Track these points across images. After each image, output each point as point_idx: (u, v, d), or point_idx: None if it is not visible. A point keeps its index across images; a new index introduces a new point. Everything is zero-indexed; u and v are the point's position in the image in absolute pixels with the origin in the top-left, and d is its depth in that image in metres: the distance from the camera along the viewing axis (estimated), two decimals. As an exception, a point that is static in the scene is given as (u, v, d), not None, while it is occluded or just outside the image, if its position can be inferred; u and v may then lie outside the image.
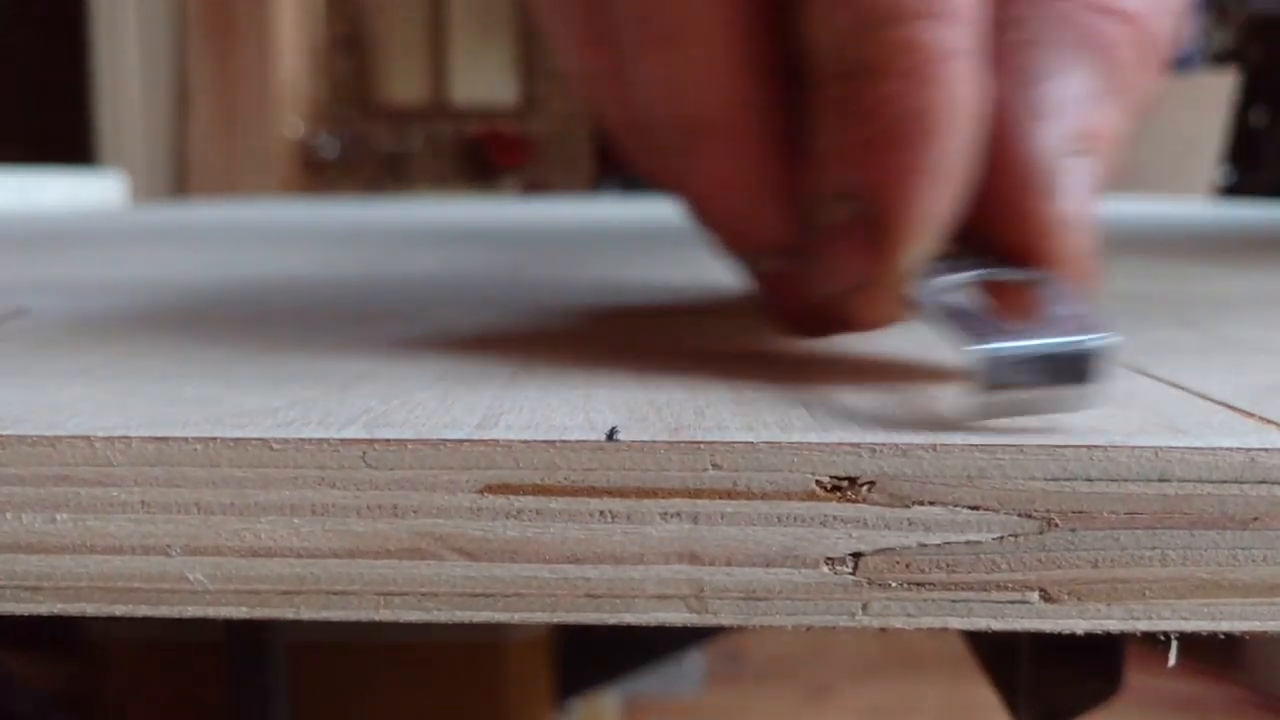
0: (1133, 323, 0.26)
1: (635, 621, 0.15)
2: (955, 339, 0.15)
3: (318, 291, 0.33)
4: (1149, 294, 0.33)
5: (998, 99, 0.18)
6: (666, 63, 0.19)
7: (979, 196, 0.18)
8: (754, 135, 0.19)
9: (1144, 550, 0.14)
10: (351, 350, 0.21)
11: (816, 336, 0.21)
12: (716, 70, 0.18)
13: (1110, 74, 0.18)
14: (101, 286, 0.34)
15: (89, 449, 0.14)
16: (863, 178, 0.17)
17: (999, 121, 0.18)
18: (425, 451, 0.14)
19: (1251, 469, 0.14)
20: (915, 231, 0.17)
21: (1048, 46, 0.18)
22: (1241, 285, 0.36)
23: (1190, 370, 0.19)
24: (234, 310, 0.28)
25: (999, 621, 0.15)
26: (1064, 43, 0.18)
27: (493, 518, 0.14)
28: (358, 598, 0.15)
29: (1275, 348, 0.22)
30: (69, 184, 1.17)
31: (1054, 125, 0.18)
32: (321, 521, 0.15)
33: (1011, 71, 0.18)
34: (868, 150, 0.17)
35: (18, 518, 0.15)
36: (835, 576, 0.15)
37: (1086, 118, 0.18)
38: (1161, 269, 0.42)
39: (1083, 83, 0.18)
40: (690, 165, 0.19)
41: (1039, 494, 0.14)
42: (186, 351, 0.21)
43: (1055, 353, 0.14)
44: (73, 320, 0.26)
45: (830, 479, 0.14)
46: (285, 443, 0.14)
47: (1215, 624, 0.15)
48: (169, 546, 0.15)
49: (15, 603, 0.15)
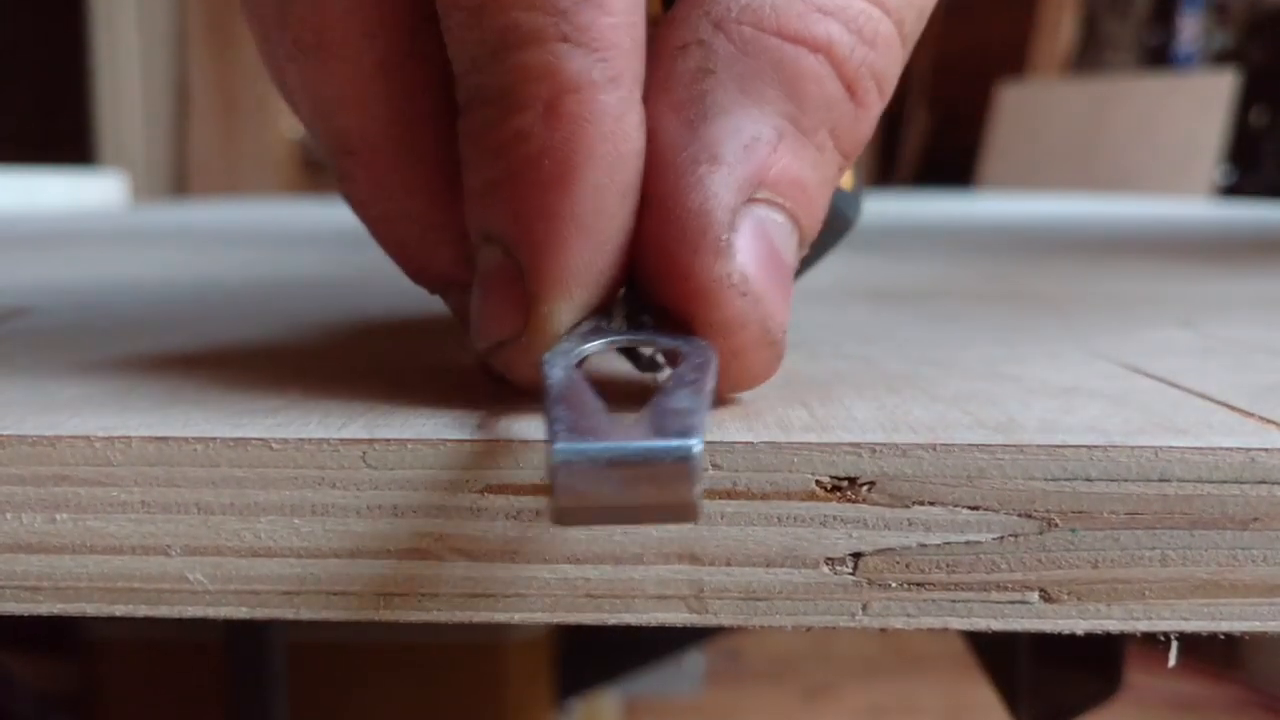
0: (1133, 323, 0.26)
1: (635, 621, 0.15)
2: (547, 431, 0.13)
3: (316, 291, 0.33)
4: (1149, 294, 0.33)
5: (663, 138, 0.15)
6: (307, 76, 0.17)
7: (644, 249, 0.15)
8: (410, 161, 0.17)
9: (1144, 550, 0.14)
10: (351, 350, 0.21)
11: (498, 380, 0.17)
12: (360, 87, 0.16)
13: (802, 111, 0.16)
14: (101, 286, 0.34)
15: (89, 449, 0.14)
16: (501, 220, 0.15)
17: (663, 164, 0.15)
18: (425, 452, 0.14)
19: (1251, 469, 0.14)
20: (562, 285, 0.15)
21: (725, 78, 0.15)
22: (1241, 285, 0.36)
23: (1190, 370, 0.19)
24: (234, 310, 0.28)
25: (999, 622, 0.15)
26: (745, 74, 0.15)
27: (493, 518, 0.14)
28: (358, 598, 0.15)
29: (1275, 348, 0.22)
30: (69, 184, 1.17)
31: (725, 172, 0.15)
32: (321, 521, 0.15)
33: (680, 106, 0.15)
34: (502, 190, 0.15)
35: (18, 518, 0.15)
36: (835, 577, 0.15)
37: (768, 162, 0.15)
38: (1161, 269, 0.42)
39: (765, 121, 0.15)
40: (348, 188, 0.17)
41: (1039, 494, 0.14)
42: (186, 351, 0.21)
43: (631, 460, 0.12)
44: (73, 320, 0.26)
45: (830, 479, 0.14)
46: (285, 443, 0.14)
47: (1215, 624, 0.15)
48: (169, 547, 0.15)
49: (15, 603, 0.15)
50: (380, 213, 0.18)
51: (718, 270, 0.15)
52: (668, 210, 0.15)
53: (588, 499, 0.12)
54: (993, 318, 0.27)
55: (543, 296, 0.15)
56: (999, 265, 0.43)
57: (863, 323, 0.26)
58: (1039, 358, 0.21)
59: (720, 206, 0.15)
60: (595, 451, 0.12)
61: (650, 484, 0.12)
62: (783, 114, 0.15)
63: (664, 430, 0.12)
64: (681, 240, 0.15)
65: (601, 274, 0.15)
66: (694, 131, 0.15)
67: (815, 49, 0.15)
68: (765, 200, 0.15)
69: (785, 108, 0.15)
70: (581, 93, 0.14)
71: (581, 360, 0.15)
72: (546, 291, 0.15)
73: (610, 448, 0.12)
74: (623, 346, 0.16)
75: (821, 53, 0.16)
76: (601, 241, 0.15)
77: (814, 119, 0.16)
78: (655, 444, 0.12)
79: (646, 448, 0.12)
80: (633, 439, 0.12)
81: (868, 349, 0.22)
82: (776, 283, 0.16)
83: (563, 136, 0.14)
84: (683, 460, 0.12)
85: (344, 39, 0.16)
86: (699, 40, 0.15)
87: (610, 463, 0.12)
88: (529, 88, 0.14)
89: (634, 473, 0.12)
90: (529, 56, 0.14)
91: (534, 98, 0.14)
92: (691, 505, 0.12)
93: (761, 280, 0.15)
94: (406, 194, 0.17)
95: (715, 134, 0.15)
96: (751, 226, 0.15)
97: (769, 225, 0.15)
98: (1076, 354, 0.21)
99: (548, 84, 0.14)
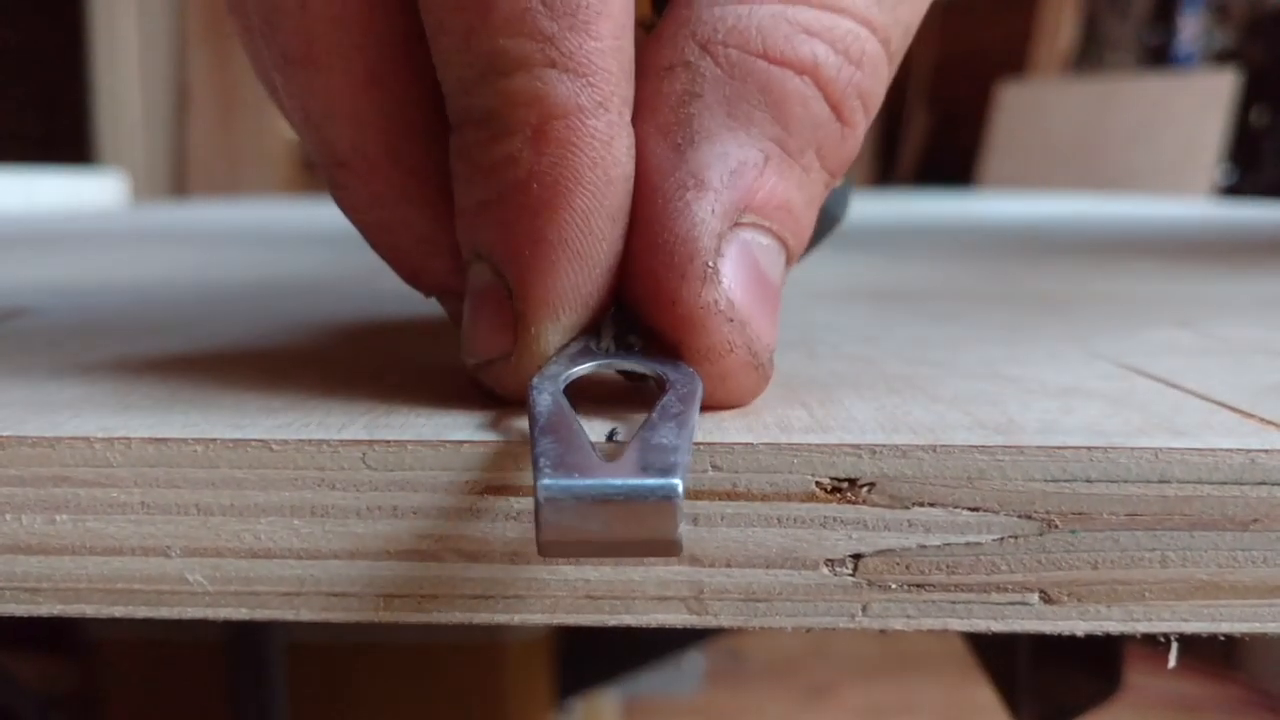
0: (1133, 323, 0.26)
1: (635, 623, 0.15)
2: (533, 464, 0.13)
3: (315, 291, 0.33)
4: (1149, 294, 0.33)
5: (650, 162, 0.15)
6: (296, 86, 0.16)
7: (632, 273, 0.16)
8: (402, 172, 0.17)
9: (1144, 551, 0.14)
10: (351, 351, 0.21)
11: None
12: (351, 100, 0.16)
13: (788, 133, 0.16)
14: (101, 286, 0.34)
15: (89, 450, 0.14)
16: (490, 241, 0.15)
17: (650, 189, 0.15)
18: (425, 452, 0.14)
19: (1251, 470, 0.14)
20: (549, 308, 0.15)
21: (711, 101, 0.15)
22: (1241, 286, 0.36)
23: (1190, 370, 0.19)
24: (234, 311, 0.28)
25: (999, 623, 0.15)
26: (731, 98, 0.15)
27: (493, 518, 0.14)
28: (358, 599, 0.15)
29: (1275, 348, 0.22)
30: (69, 184, 1.17)
31: (711, 197, 0.15)
32: (321, 523, 0.15)
33: (666, 130, 0.15)
34: (492, 211, 0.15)
35: (18, 519, 0.15)
36: (835, 578, 0.15)
37: (754, 187, 0.15)
38: (1162, 269, 0.42)
39: (751, 145, 0.15)
40: (341, 196, 0.17)
41: (1039, 495, 0.14)
42: (186, 352, 0.21)
43: (615, 497, 0.12)
44: (73, 320, 0.26)
45: (830, 480, 0.14)
46: (285, 443, 0.14)
47: (1215, 625, 0.15)
48: (169, 548, 0.15)
49: (15, 604, 0.15)
50: (373, 220, 0.18)
51: (704, 297, 0.15)
52: (654, 236, 0.15)
53: (573, 534, 0.12)
54: (993, 318, 0.27)
55: (531, 318, 0.15)
56: (999, 265, 0.43)
57: (863, 323, 0.26)
58: (1039, 358, 0.21)
59: (706, 233, 0.15)
60: (581, 489, 0.12)
61: (634, 521, 0.12)
62: (769, 136, 0.16)
63: (649, 467, 0.13)
64: (669, 266, 0.15)
65: (590, 296, 0.15)
66: (681, 156, 0.15)
67: (801, 71, 0.16)
68: (752, 224, 0.16)
69: (772, 130, 0.16)
70: (569, 118, 0.14)
71: (568, 384, 0.15)
72: (535, 314, 0.15)
73: (595, 485, 0.12)
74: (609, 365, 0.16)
75: (808, 74, 0.16)
76: (590, 265, 0.15)
77: (800, 140, 0.16)
78: (639, 482, 0.12)
79: (631, 486, 0.12)
80: (617, 475, 0.12)
81: (868, 349, 0.22)
82: (763, 306, 0.16)
83: (550, 161, 0.14)
84: (667, 499, 0.12)
85: (332, 50, 0.16)
86: (685, 62, 0.16)
87: (595, 500, 0.12)
88: (517, 112, 0.14)
89: (618, 510, 0.12)
90: (516, 82, 0.14)
91: (522, 123, 0.14)
92: (674, 542, 0.13)
93: (747, 305, 0.15)
94: (399, 204, 0.17)
95: (702, 159, 0.15)
96: (737, 251, 0.15)
97: (755, 248, 0.16)
98: (1076, 354, 0.21)
99: (535, 109, 0.14)
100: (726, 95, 0.15)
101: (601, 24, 0.14)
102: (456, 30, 0.15)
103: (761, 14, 0.16)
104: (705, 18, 0.16)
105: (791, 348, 0.22)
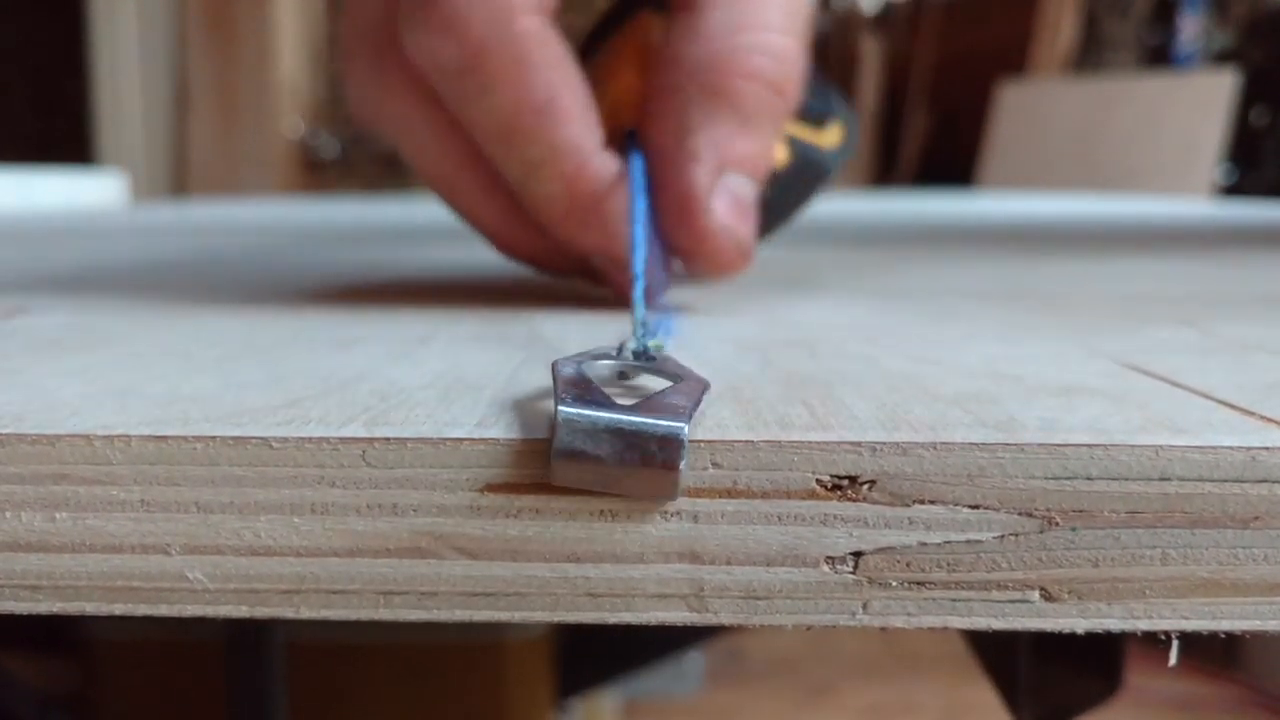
0: (1134, 321, 0.26)
1: (635, 621, 0.15)
2: (555, 397, 0.15)
3: (315, 291, 0.33)
4: (1149, 293, 0.33)
5: (664, 150, 0.25)
6: (392, 136, 0.27)
7: (663, 216, 0.25)
8: (485, 196, 0.27)
9: (1144, 549, 0.14)
10: (350, 349, 0.21)
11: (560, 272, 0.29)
12: (480, 202, 0.28)
13: (746, 115, 0.25)
14: (101, 286, 0.34)
15: (89, 448, 0.14)
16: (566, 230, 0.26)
17: (666, 165, 0.25)
18: (425, 451, 0.14)
19: (1252, 468, 0.14)
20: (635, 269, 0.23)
21: (697, 109, 0.25)
22: (1242, 284, 0.36)
23: (1190, 370, 0.19)
24: (233, 310, 0.28)
25: (1000, 621, 0.15)
26: (712, 107, 0.25)
27: (493, 517, 0.14)
28: (358, 597, 0.15)
29: (1276, 346, 0.22)
30: (69, 183, 1.17)
31: (703, 164, 0.25)
32: (321, 520, 0.14)
33: (673, 130, 0.25)
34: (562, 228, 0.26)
35: (17, 517, 0.15)
36: (836, 575, 0.15)
37: (728, 150, 0.25)
38: (1161, 269, 0.42)
39: (723, 127, 0.25)
40: (436, 196, 0.28)
41: (1039, 493, 0.14)
42: (185, 350, 0.21)
43: (625, 429, 0.14)
44: (73, 320, 0.26)
45: (831, 478, 0.14)
46: (285, 442, 0.14)
47: (1215, 623, 0.15)
48: (169, 545, 0.15)
49: (15, 602, 0.15)
50: (463, 218, 0.29)
51: (704, 223, 0.25)
52: (674, 191, 0.25)
53: (583, 456, 0.14)
54: (993, 316, 0.27)
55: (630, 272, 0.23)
56: (999, 264, 0.43)
57: (863, 321, 0.26)
58: (1039, 356, 0.21)
59: (702, 187, 0.25)
60: (596, 417, 0.14)
61: (640, 454, 0.14)
62: (734, 120, 0.25)
63: (659, 412, 0.14)
64: (684, 209, 0.25)
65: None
66: (681, 143, 0.25)
67: (751, 78, 0.25)
68: (731, 174, 0.25)
69: (735, 116, 0.25)
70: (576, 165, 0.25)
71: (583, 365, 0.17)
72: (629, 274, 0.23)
73: (609, 416, 0.14)
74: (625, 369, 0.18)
75: (755, 79, 0.25)
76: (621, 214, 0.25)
77: (755, 117, 0.25)
78: (649, 419, 0.14)
79: (641, 421, 0.14)
80: (630, 414, 0.14)
81: (868, 348, 0.22)
82: (741, 218, 0.26)
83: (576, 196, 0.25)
84: (672, 437, 0.14)
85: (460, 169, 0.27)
86: (678, 86, 0.25)
87: (608, 428, 0.14)
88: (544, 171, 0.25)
89: (627, 440, 0.14)
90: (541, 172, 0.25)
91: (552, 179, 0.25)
92: (673, 480, 0.14)
93: (732, 220, 0.26)
94: (482, 216, 0.28)
95: (694, 143, 0.25)
96: (723, 192, 0.25)
97: (734, 185, 0.26)
98: (1077, 352, 0.21)
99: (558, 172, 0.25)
100: (708, 106, 0.25)
101: (568, 115, 0.25)
102: (499, 156, 0.25)
103: (721, 47, 0.25)
104: (689, 54, 0.25)
105: (791, 346, 0.22)
